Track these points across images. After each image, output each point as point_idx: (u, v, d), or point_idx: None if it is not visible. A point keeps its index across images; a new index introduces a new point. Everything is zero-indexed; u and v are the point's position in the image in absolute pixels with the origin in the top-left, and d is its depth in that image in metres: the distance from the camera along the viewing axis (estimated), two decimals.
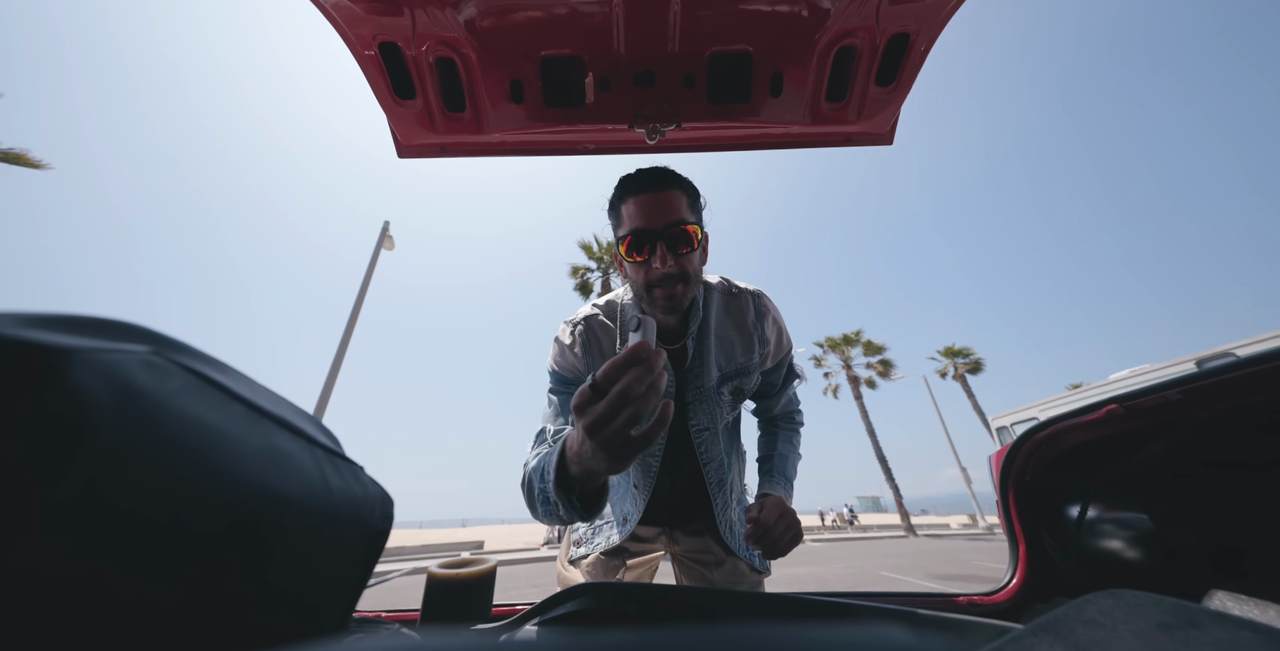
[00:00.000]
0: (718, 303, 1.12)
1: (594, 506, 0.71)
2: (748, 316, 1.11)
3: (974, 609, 0.80)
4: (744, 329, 1.10)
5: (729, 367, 1.09)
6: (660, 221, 0.90)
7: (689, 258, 0.93)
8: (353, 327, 8.85)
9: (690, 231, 0.91)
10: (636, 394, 0.51)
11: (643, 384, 0.51)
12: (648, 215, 0.91)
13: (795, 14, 0.86)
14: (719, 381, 1.09)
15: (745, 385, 1.11)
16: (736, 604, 0.60)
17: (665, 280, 0.93)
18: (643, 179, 0.94)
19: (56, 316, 0.23)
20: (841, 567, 10.48)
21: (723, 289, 1.14)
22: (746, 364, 1.10)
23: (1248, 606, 0.51)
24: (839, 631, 0.15)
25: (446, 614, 0.64)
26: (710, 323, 1.09)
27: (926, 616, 0.55)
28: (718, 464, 1.14)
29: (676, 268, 0.92)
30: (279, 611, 0.33)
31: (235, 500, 0.28)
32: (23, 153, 11.30)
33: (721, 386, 1.09)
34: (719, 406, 1.10)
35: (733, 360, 1.10)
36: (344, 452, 0.43)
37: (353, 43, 0.86)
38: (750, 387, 1.12)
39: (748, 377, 1.11)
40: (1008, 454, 0.82)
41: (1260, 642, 0.22)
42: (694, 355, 1.07)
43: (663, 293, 0.94)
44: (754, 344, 1.10)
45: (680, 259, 0.92)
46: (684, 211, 0.92)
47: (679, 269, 0.92)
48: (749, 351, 1.10)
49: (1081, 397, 8.88)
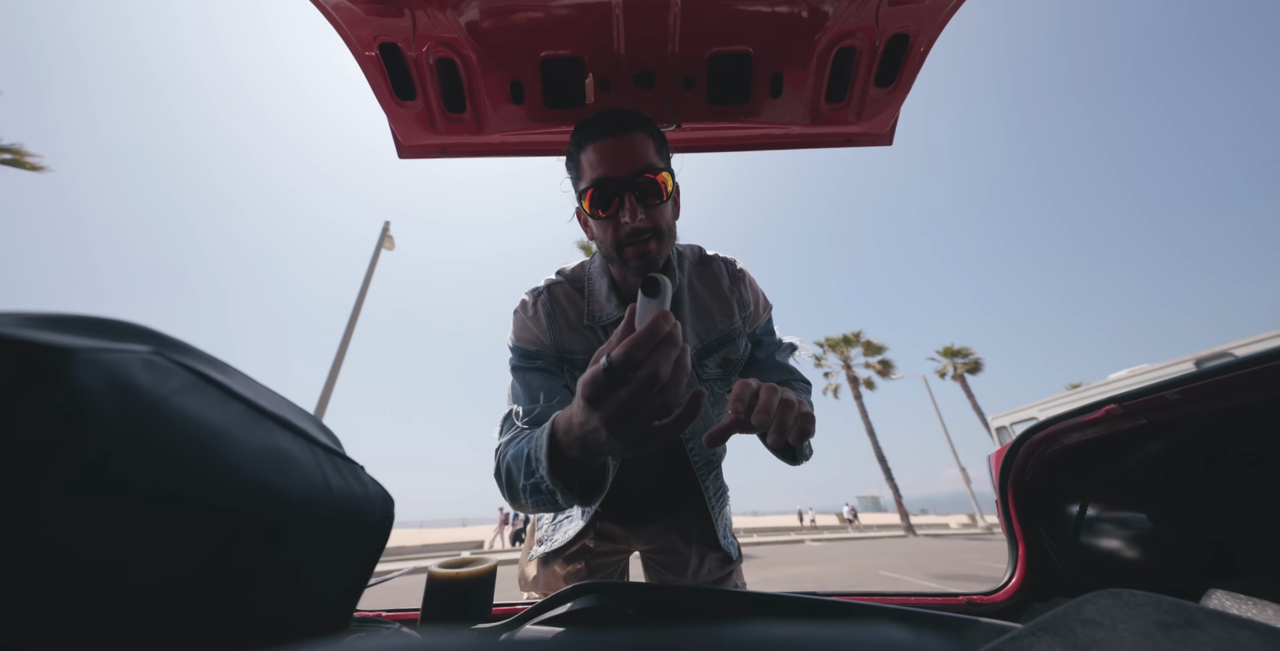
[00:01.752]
0: (690, 270, 1.04)
1: (598, 489, 0.65)
2: (722, 282, 1.04)
3: (973, 608, 0.80)
4: (720, 294, 1.03)
5: (710, 337, 1.02)
6: (626, 169, 0.79)
7: (660, 210, 0.83)
8: (353, 327, 8.85)
9: (660, 180, 0.81)
10: (665, 377, 0.44)
11: (669, 364, 0.44)
12: (612, 162, 0.80)
13: (795, 15, 0.87)
14: (700, 353, 1.02)
15: (733, 354, 1.04)
16: (737, 603, 0.60)
17: (636, 236, 0.83)
18: (603, 121, 0.81)
19: (58, 316, 0.24)
20: (841, 567, 10.47)
21: (694, 256, 1.07)
22: (728, 329, 1.03)
23: (1246, 605, 0.51)
24: (839, 631, 0.15)
25: (446, 613, 0.64)
26: (683, 290, 1.02)
27: (926, 616, 0.55)
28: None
29: (648, 221, 0.82)
30: (280, 610, 0.33)
31: (236, 499, 0.28)
32: (21, 153, 11.28)
33: (704, 358, 1.02)
34: (705, 381, 1.03)
35: (712, 329, 1.02)
36: (344, 452, 0.43)
37: (353, 43, 0.86)
38: (739, 357, 1.05)
39: (734, 345, 1.03)
40: (1007, 454, 0.82)
41: (1259, 642, 0.22)
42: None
43: (635, 251, 0.84)
44: (733, 308, 1.03)
45: (651, 212, 0.82)
46: (652, 156, 0.82)
47: (650, 222, 0.82)
48: (728, 317, 1.03)
49: (1080, 397, 8.88)
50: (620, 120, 0.81)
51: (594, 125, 0.82)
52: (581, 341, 0.98)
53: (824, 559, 12.06)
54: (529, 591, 1.15)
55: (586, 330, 0.99)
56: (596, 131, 0.81)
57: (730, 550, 1.13)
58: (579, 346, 0.98)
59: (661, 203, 0.83)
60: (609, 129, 0.81)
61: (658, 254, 0.86)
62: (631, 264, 0.86)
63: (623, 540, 1.16)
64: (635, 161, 0.80)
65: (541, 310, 0.99)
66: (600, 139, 0.81)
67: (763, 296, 1.09)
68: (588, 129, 0.82)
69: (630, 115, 0.82)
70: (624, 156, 0.80)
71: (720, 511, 1.13)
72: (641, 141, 0.81)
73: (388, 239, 10.03)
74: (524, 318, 0.99)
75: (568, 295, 1.01)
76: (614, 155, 0.80)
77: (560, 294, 1.01)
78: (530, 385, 0.92)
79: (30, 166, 11.57)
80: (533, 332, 0.98)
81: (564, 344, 0.98)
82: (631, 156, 0.80)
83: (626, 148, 0.80)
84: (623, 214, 0.80)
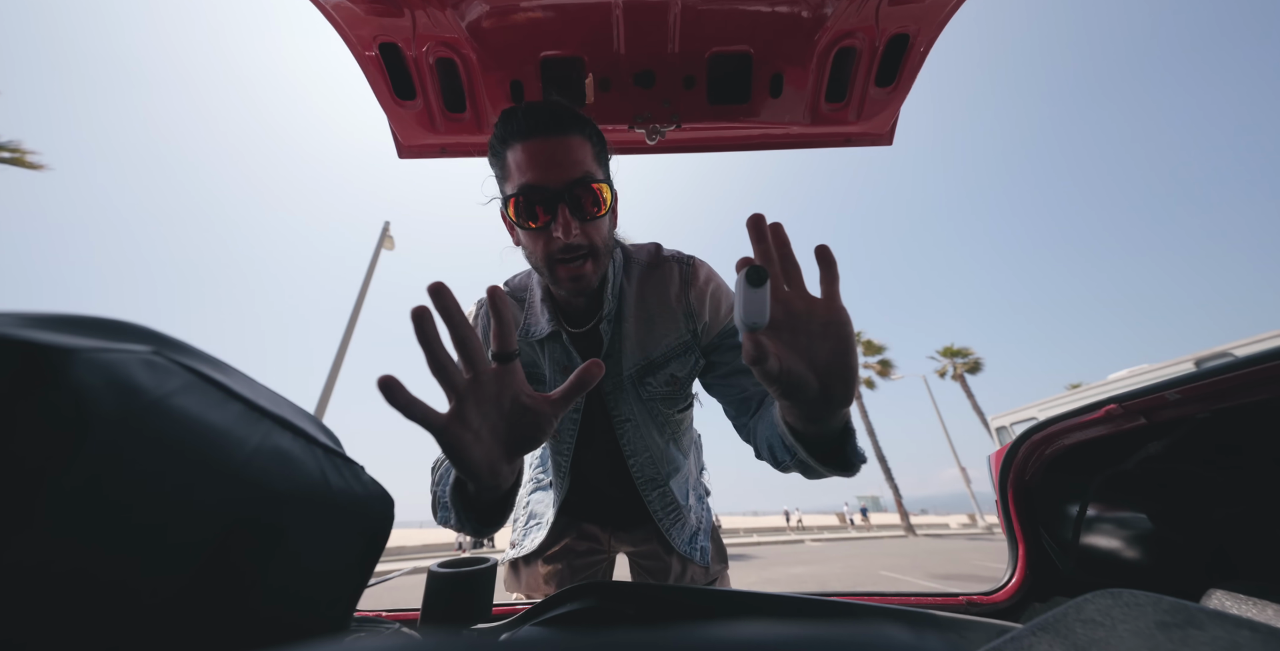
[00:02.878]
0: (637, 276, 0.94)
1: (492, 524, 0.62)
2: (670, 288, 0.92)
3: (973, 608, 0.80)
4: (666, 303, 0.92)
5: (655, 352, 0.92)
6: (560, 177, 0.71)
7: (597, 225, 0.75)
8: (353, 327, 8.85)
9: (598, 190, 0.73)
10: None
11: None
12: (543, 167, 0.71)
13: (795, 15, 0.87)
14: (641, 371, 0.93)
15: (680, 372, 0.94)
16: (736, 604, 0.60)
17: (569, 252, 0.75)
18: (535, 118, 0.71)
19: (58, 316, 0.24)
20: (841, 567, 10.47)
21: (646, 260, 0.96)
22: (675, 344, 0.92)
23: (1246, 605, 0.51)
24: (839, 631, 0.15)
25: (446, 613, 0.64)
26: (628, 303, 0.92)
27: (926, 615, 0.55)
28: (647, 457, 1.00)
29: (583, 237, 0.74)
30: (279, 610, 0.33)
31: (235, 499, 0.28)
32: (21, 152, 11.28)
33: (647, 376, 0.93)
34: (647, 401, 0.95)
35: (658, 342, 0.92)
36: (344, 452, 0.43)
37: (353, 44, 0.86)
38: (688, 374, 0.95)
39: (682, 361, 0.93)
40: (1007, 454, 0.82)
41: (1259, 642, 0.22)
42: (610, 340, 0.91)
43: (567, 271, 0.77)
44: (679, 320, 0.92)
45: (587, 226, 0.74)
46: (589, 163, 0.73)
47: (586, 239, 0.74)
48: (674, 329, 0.92)
49: (1080, 397, 8.89)
50: (555, 119, 0.71)
51: (524, 119, 0.71)
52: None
53: (824, 559, 12.06)
54: (513, 591, 1.14)
55: (524, 343, 0.94)
56: (527, 129, 0.71)
57: (694, 556, 1.07)
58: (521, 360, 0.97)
59: (599, 217, 0.75)
60: (541, 128, 0.71)
61: (593, 274, 0.79)
62: (564, 285, 0.80)
63: (603, 542, 1.14)
64: (571, 169, 0.71)
65: (479, 325, 0.94)
66: (530, 138, 0.71)
67: (726, 298, 0.94)
68: (516, 123, 0.72)
69: (566, 114, 0.73)
70: (558, 162, 0.71)
71: (675, 524, 1.06)
72: (579, 146, 0.72)
73: (388, 239, 10.03)
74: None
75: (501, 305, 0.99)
76: (546, 160, 0.71)
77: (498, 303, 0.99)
78: None
79: (29, 165, 11.57)
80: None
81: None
82: (567, 163, 0.71)
83: (562, 152, 0.71)
84: (554, 228, 0.72)
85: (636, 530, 1.12)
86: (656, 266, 0.95)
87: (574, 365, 0.91)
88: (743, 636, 0.14)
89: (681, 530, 1.07)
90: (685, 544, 1.07)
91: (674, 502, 1.06)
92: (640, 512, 1.06)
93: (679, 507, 1.07)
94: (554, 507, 1.08)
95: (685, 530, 1.08)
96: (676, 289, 0.92)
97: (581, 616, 0.57)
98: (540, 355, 0.95)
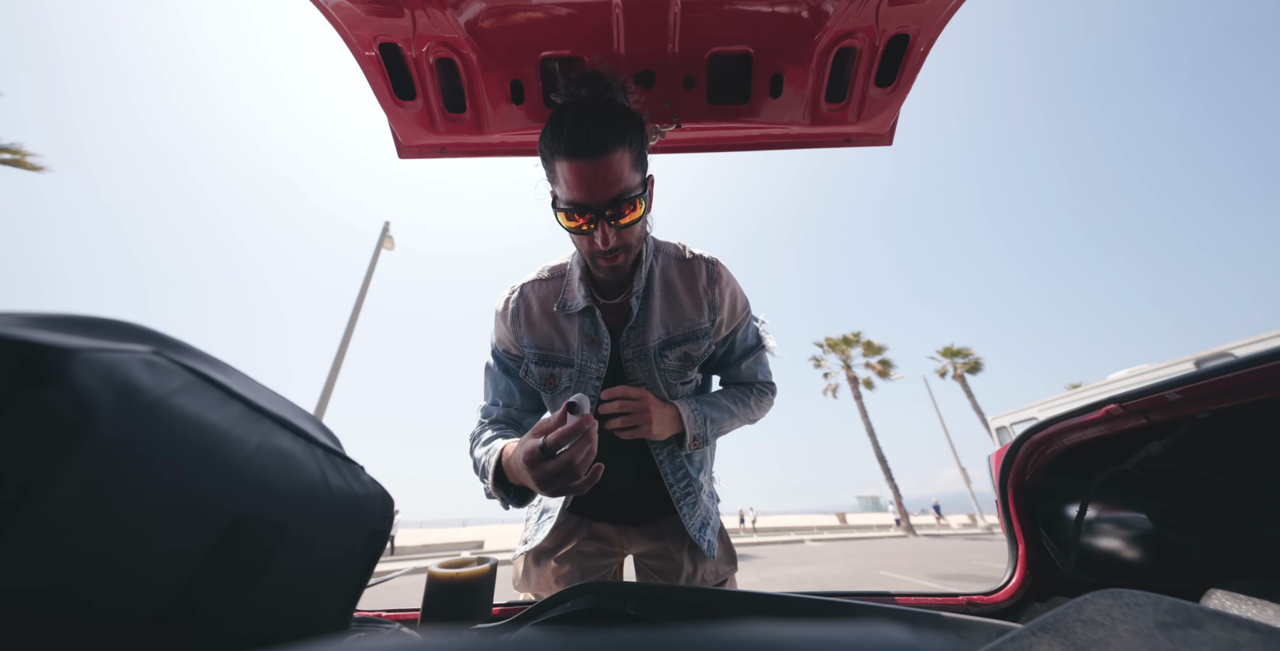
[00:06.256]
0: (670, 265, 1.08)
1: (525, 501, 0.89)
2: (699, 281, 1.06)
3: (973, 608, 0.80)
4: (695, 293, 1.05)
5: (676, 331, 1.04)
6: (602, 195, 0.80)
7: (632, 228, 0.88)
8: (353, 327, 8.85)
9: (634, 202, 0.84)
10: (579, 461, 0.67)
11: (583, 452, 0.68)
12: (587, 187, 0.79)
13: (795, 15, 0.87)
14: (663, 344, 1.04)
15: (694, 352, 1.05)
16: (736, 604, 0.60)
17: (607, 251, 0.89)
18: (580, 141, 0.77)
19: (58, 316, 0.24)
20: (841, 567, 10.48)
21: (676, 253, 1.10)
22: (695, 328, 1.04)
23: (1246, 605, 0.51)
24: (839, 631, 0.15)
25: (446, 613, 0.64)
26: (656, 283, 1.05)
27: (926, 615, 0.55)
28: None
29: (619, 241, 0.88)
30: (279, 610, 0.33)
31: (235, 499, 0.28)
32: (21, 153, 11.27)
33: (666, 350, 1.04)
34: (663, 371, 1.04)
35: (681, 323, 1.04)
36: (344, 452, 0.43)
37: (353, 44, 0.86)
38: (700, 355, 1.06)
39: (696, 343, 1.05)
40: (1007, 454, 0.82)
41: (1258, 641, 0.22)
42: (638, 313, 1.03)
43: (606, 262, 0.92)
44: (703, 309, 1.05)
45: (623, 231, 0.87)
46: (627, 177, 0.81)
47: (621, 241, 0.88)
48: (698, 314, 1.05)
49: (1081, 397, 8.88)
50: (599, 142, 0.77)
51: (570, 140, 0.77)
52: (547, 329, 1.06)
53: (824, 559, 12.06)
54: (523, 591, 1.15)
55: (557, 317, 1.06)
56: (572, 150, 0.77)
57: (701, 544, 1.08)
58: (540, 340, 1.06)
59: (635, 221, 0.87)
60: (585, 151, 0.77)
61: (626, 264, 0.95)
62: (604, 272, 0.96)
63: (615, 542, 1.15)
64: (610, 188, 0.80)
65: (509, 311, 1.08)
66: (575, 159, 0.77)
67: (740, 301, 1.11)
68: (562, 141, 0.78)
69: (607, 135, 0.77)
70: (599, 183, 0.79)
71: (687, 498, 1.09)
72: (618, 162, 0.79)
73: (388, 239, 10.03)
74: (498, 318, 1.09)
75: (543, 290, 1.09)
76: (589, 181, 0.78)
77: (531, 292, 1.09)
78: (495, 386, 1.11)
79: (30, 166, 11.56)
80: (503, 332, 1.09)
81: (524, 340, 1.07)
82: (607, 183, 0.79)
83: (603, 172, 0.78)
84: (595, 236, 0.85)
85: (648, 524, 1.13)
86: (687, 261, 1.09)
87: (600, 338, 1.03)
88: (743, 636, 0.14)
89: (693, 509, 1.09)
90: (695, 530, 1.08)
91: (684, 469, 1.09)
92: (653, 497, 1.10)
93: (690, 479, 1.09)
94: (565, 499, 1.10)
95: (697, 511, 1.10)
96: (704, 283, 1.06)
97: (581, 616, 0.57)
98: (572, 326, 1.07)
